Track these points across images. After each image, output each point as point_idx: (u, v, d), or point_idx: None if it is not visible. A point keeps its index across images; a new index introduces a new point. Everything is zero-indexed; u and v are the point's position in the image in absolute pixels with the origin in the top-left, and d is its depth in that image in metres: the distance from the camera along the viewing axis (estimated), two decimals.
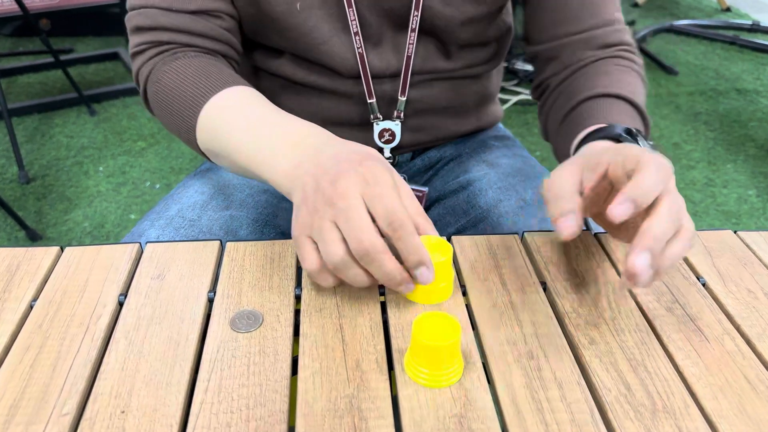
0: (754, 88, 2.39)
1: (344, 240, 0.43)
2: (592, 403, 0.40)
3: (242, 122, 0.53)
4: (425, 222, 0.47)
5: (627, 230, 0.48)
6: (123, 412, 0.38)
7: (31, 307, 0.46)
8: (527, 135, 2.07)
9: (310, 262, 0.44)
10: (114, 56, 2.47)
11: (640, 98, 0.61)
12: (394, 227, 0.42)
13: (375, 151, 0.47)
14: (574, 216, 0.43)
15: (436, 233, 0.47)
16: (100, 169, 1.79)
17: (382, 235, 0.43)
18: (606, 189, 0.48)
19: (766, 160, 1.95)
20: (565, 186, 0.45)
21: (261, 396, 0.39)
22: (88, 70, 2.36)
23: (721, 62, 2.61)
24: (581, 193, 0.45)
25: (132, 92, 2.20)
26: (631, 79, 0.63)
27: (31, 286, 0.48)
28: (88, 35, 2.66)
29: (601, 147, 0.52)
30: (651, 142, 0.54)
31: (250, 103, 0.55)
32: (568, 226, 0.43)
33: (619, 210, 0.40)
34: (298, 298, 0.47)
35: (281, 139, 0.50)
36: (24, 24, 2.59)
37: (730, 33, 2.90)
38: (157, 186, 1.73)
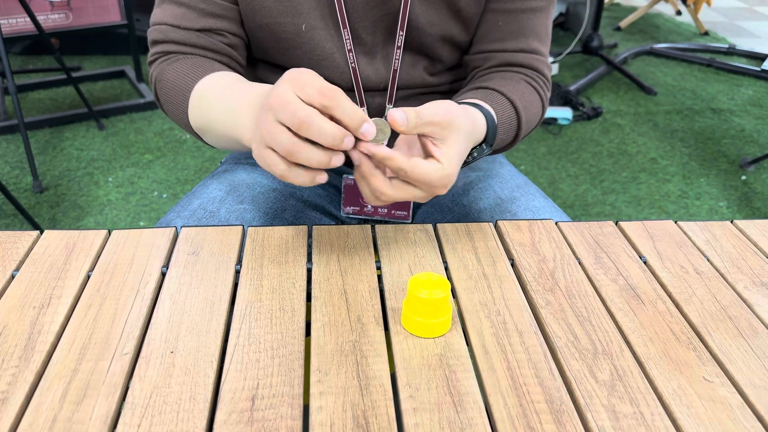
0: (728, 108, 2.53)
1: (288, 128, 0.48)
2: (546, 347, 0.50)
3: (217, 97, 0.62)
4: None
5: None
6: (172, 352, 0.48)
7: (89, 276, 0.56)
8: (512, 151, 2.19)
9: (277, 167, 0.49)
10: (121, 74, 2.58)
11: (523, 101, 0.72)
12: (327, 96, 0.47)
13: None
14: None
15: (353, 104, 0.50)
16: (110, 179, 1.89)
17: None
18: None
19: (737, 175, 2.07)
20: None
21: (282, 340, 0.49)
22: (96, 87, 2.47)
23: (698, 83, 2.75)
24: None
25: (138, 108, 2.30)
26: (525, 90, 0.73)
27: (87, 260, 0.58)
28: (95, 54, 2.78)
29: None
30: (486, 148, 0.65)
31: (225, 82, 0.63)
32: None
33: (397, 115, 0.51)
34: (309, 271, 0.57)
35: (241, 101, 0.58)
36: (33, 43, 2.70)
37: (707, 56, 3.05)
38: (164, 195, 1.83)
